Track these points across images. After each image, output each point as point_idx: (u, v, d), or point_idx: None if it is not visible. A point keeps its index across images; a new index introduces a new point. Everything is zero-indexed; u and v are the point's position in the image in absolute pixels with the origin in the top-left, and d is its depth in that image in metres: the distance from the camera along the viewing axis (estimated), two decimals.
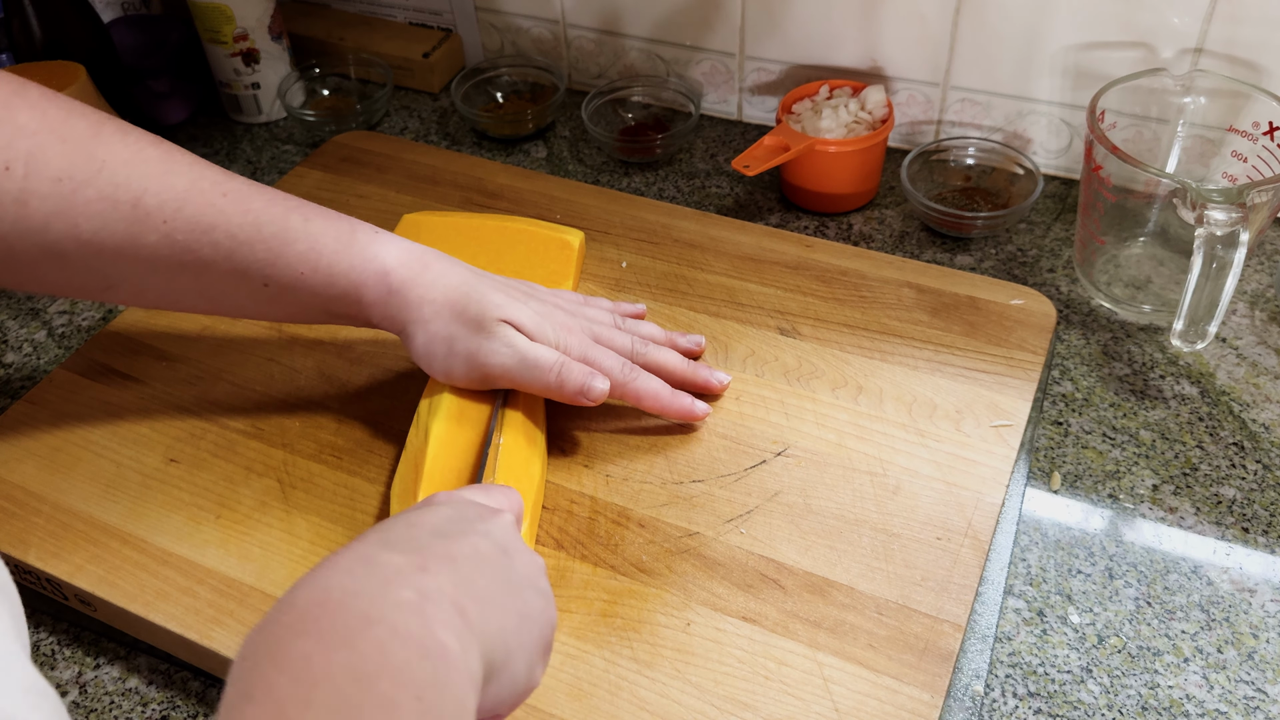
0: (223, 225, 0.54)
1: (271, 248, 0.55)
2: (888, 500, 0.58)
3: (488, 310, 0.57)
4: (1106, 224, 0.71)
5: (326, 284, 0.56)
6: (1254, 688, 0.53)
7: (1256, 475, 0.62)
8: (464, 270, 0.59)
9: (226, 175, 0.56)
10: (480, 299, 0.57)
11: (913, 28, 0.81)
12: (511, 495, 0.49)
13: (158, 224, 0.53)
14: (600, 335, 0.61)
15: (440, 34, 1.00)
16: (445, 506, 0.43)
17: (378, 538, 0.39)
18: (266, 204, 0.55)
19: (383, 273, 0.57)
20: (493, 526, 0.43)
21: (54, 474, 0.62)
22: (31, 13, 0.83)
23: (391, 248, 0.57)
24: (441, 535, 0.40)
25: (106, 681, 0.57)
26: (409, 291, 0.57)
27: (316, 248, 0.56)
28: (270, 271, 0.56)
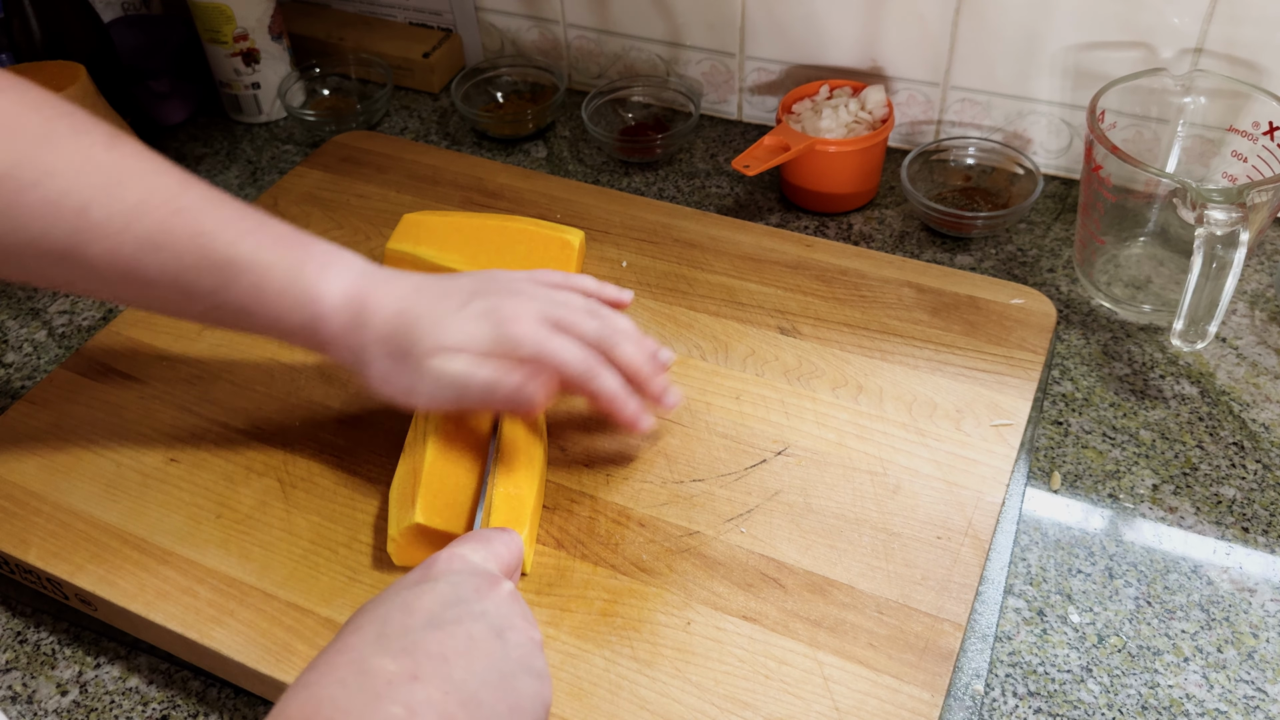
0: (170, 247, 0.51)
1: (218, 277, 0.52)
2: (888, 499, 0.58)
3: (415, 346, 0.53)
4: (1106, 224, 0.71)
5: (271, 321, 0.54)
6: (1254, 687, 0.53)
7: (1256, 475, 0.62)
8: (402, 293, 0.55)
9: (183, 186, 0.53)
10: (409, 333, 0.53)
11: (913, 28, 0.81)
12: (511, 543, 0.48)
13: (102, 237, 0.51)
14: (563, 320, 0.56)
15: (440, 34, 1.00)
16: (443, 582, 0.43)
17: (374, 632, 0.40)
18: (219, 226, 0.52)
19: (323, 317, 0.54)
20: (489, 605, 0.43)
21: (54, 474, 0.62)
22: (31, 13, 0.83)
23: (336, 284, 0.54)
24: (436, 625, 0.40)
25: (106, 681, 0.57)
26: (348, 337, 0.54)
27: (263, 283, 0.53)
28: (216, 299, 0.53)
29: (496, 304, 0.55)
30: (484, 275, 0.58)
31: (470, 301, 0.55)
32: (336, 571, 0.56)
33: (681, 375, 0.66)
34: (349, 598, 0.55)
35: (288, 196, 0.82)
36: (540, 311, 0.55)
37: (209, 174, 0.92)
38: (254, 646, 0.53)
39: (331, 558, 0.57)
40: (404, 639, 0.40)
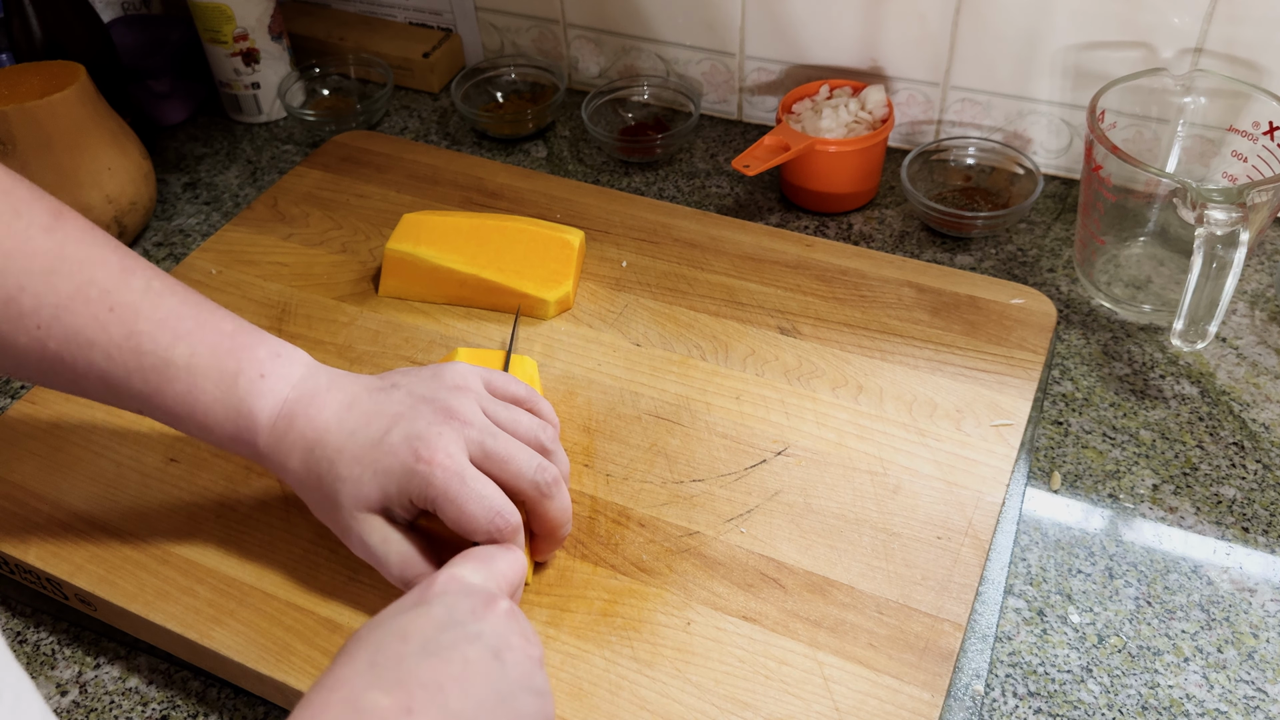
0: (101, 345, 0.49)
1: (149, 381, 0.50)
2: (888, 499, 0.58)
3: (335, 496, 0.50)
4: (1106, 224, 0.71)
5: (202, 430, 0.51)
6: (1254, 687, 0.53)
7: (1256, 475, 0.62)
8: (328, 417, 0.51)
9: (124, 276, 0.50)
10: (328, 476, 0.50)
11: (913, 28, 0.81)
12: (514, 561, 0.47)
13: (31, 327, 0.48)
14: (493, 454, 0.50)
15: (440, 34, 1.00)
16: (439, 604, 0.42)
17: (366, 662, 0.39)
18: (155, 327, 0.49)
19: (251, 435, 0.51)
20: (485, 625, 0.41)
21: (54, 474, 0.62)
22: (31, 13, 0.83)
23: (269, 400, 0.51)
24: (430, 652, 0.39)
25: (106, 681, 0.57)
26: (273, 459, 0.51)
27: (194, 391, 0.50)
28: (146, 404, 0.51)
29: (420, 431, 0.49)
30: (419, 387, 0.52)
31: (392, 428, 0.50)
32: (336, 571, 0.56)
33: (681, 375, 0.66)
34: (349, 598, 0.55)
35: (287, 196, 0.82)
36: (470, 440, 0.50)
37: (209, 174, 0.92)
38: (253, 646, 0.53)
39: (331, 558, 0.57)
40: (397, 669, 0.39)
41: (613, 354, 0.67)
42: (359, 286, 0.74)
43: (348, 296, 0.73)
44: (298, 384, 0.51)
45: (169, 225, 0.87)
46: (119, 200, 0.81)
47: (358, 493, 0.49)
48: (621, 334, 0.69)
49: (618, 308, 0.71)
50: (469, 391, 0.52)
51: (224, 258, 0.77)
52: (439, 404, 0.51)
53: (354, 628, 0.53)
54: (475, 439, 0.50)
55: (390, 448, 0.49)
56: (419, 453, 0.48)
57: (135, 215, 0.83)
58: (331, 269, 0.75)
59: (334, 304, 0.72)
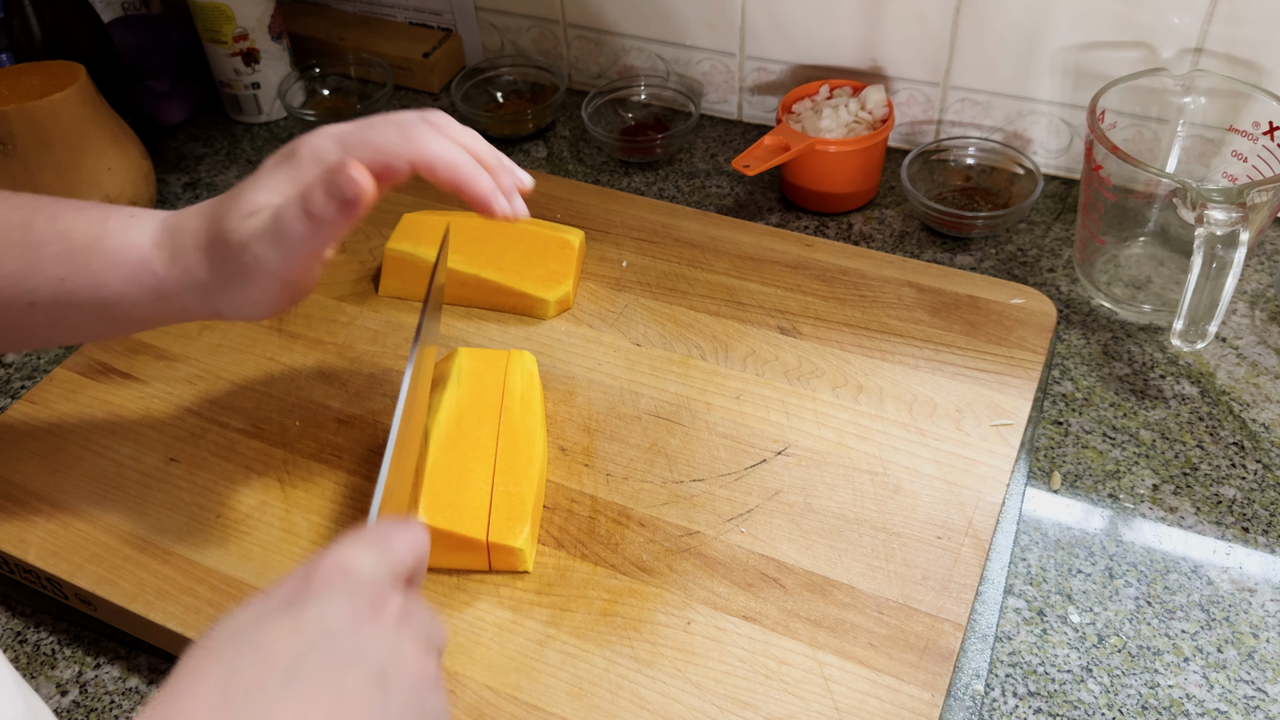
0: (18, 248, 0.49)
1: (23, 257, 0.49)
2: (888, 499, 0.58)
3: (226, 227, 0.48)
4: (1106, 224, 0.71)
5: (92, 288, 0.49)
6: (1254, 687, 0.53)
7: (1256, 475, 0.62)
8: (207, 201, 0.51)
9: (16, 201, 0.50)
10: (220, 221, 0.48)
11: (913, 28, 0.81)
12: (414, 539, 0.40)
13: None
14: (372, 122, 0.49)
15: (440, 34, 1.00)
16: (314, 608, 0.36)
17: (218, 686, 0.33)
18: (10, 209, 0.50)
19: (144, 261, 0.50)
20: (368, 638, 0.35)
21: (54, 474, 0.62)
22: (31, 13, 0.83)
23: (147, 228, 0.50)
24: (296, 679, 0.33)
25: (106, 681, 0.57)
26: (174, 269, 0.50)
27: (68, 248, 0.49)
28: (27, 285, 0.49)
29: (294, 148, 0.50)
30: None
31: (274, 166, 0.50)
32: None
33: (681, 375, 0.66)
34: None
35: None
36: (345, 130, 0.49)
37: (209, 174, 0.92)
38: None
39: None
40: (253, 702, 0.32)
41: (613, 354, 0.67)
42: (359, 286, 0.74)
43: (348, 296, 0.73)
44: (174, 214, 0.51)
45: None
46: (119, 200, 0.81)
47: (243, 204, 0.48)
48: (621, 334, 0.69)
49: (618, 308, 0.71)
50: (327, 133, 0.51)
51: None
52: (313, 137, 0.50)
53: None
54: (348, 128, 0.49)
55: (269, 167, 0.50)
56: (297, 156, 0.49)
57: None
58: (331, 269, 0.75)
59: (334, 304, 0.72)
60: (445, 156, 0.48)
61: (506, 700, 0.50)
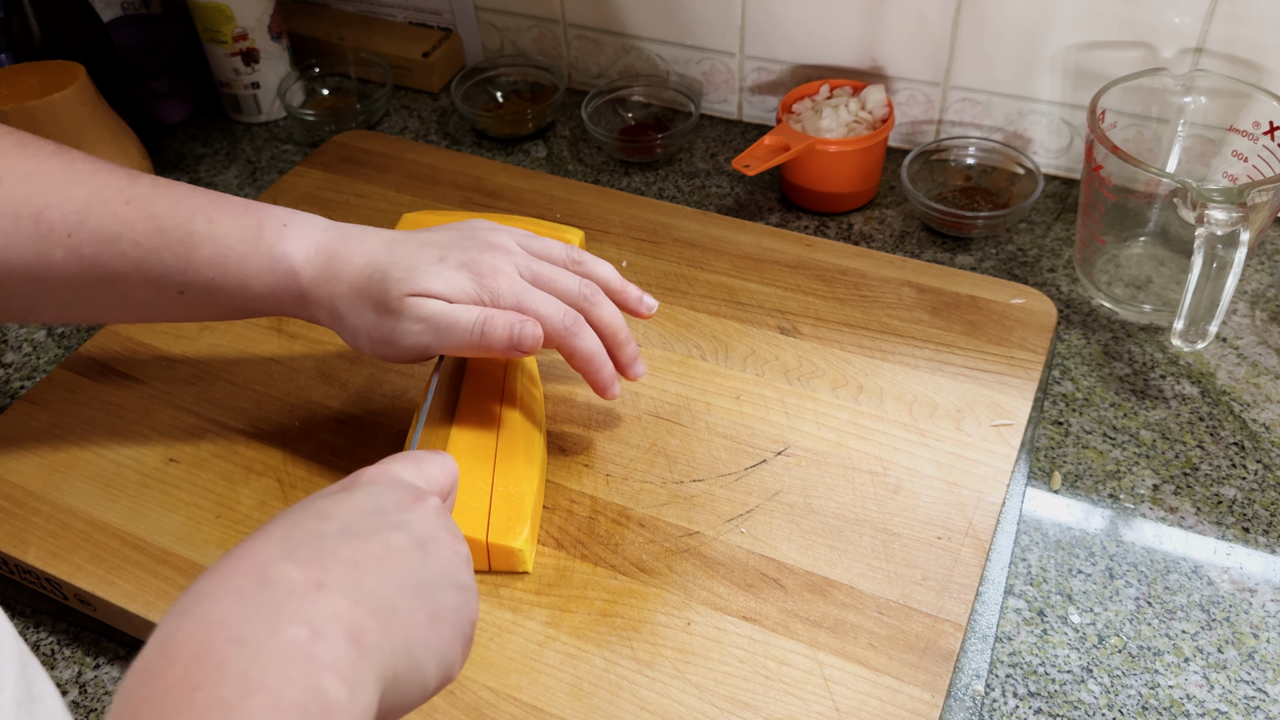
0: (127, 235, 0.53)
1: (179, 254, 0.53)
2: (888, 499, 0.58)
3: (391, 290, 0.53)
4: (1107, 224, 0.71)
5: (239, 288, 0.54)
6: (1254, 687, 0.53)
7: (1257, 475, 0.62)
8: (373, 247, 0.55)
9: (130, 179, 0.54)
10: (383, 280, 0.53)
11: (913, 27, 0.81)
12: (445, 465, 0.46)
13: (62, 238, 0.52)
14: (542, 277, 0.56)
15: (440, 34, 1.00)
16: (364, 491, 0.41)
17: (281, 535, 0.37)
18: (171, 207, 0.53)
19: (291, 274, 0.54)
20: (412, 516, 0.40)
21: (54, 474, 0.62)
22: (31, 13, 0.83)
23: (299, 242, 0.54)
24: (350, 533, 0.38)
25: (106, 681, 0.57)
26: (318, 290, 0.54)
27: (223, 251, 0.53)
28: (182, 279, 0.54)
29: (475, 257, 0.54)
30: (458, 228, 0.57)
31: (448, 254, 0.54)
32: None
33: (681, 375, 0.65)
34: None
35: (287, 196, 0.82)
36: (520, 266, 0.55)
37: (209, 174, 0.92)
38: None
39: None
40: (313, 545, 0.37)
41: None
42: None
43: None
44: (328, 228, 0.56)
45: None
46: None
47: (418, 283, 0.53)
48: None
49: None
50: (501, 230, 0.57)
51: None
52: (481, 239, 0.56)
53: None
54: (523, 264, 0.55)
55: (452, 266, 0.54)
56: (483, 271, 0.54)
57: None
58: None
59: None
60: (587, 352, 0.56)
61: (506, 701, 0.50)
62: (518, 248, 0.56)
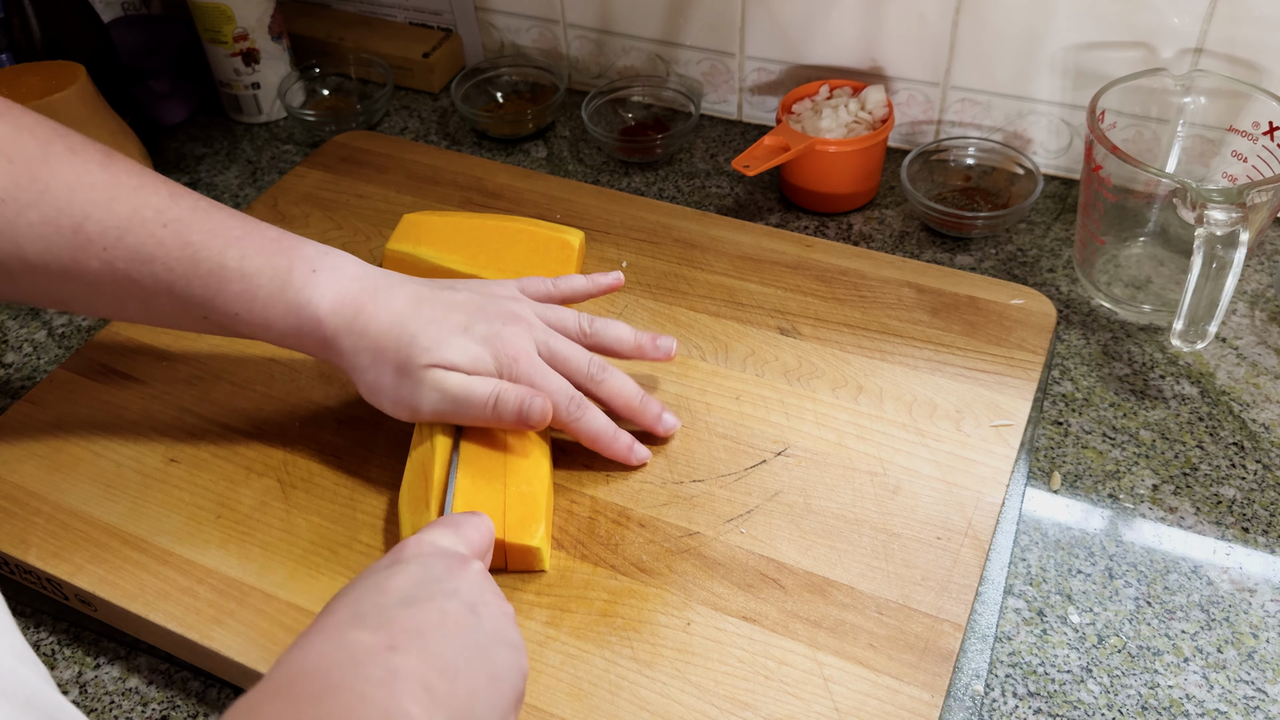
0: (161, 258, 0.54)
1: (209, 285, 0.54)
2: (888, 500, 0.58)
3: (414, 358, 0.55)
4: (1106, 224, 0.71)
5: (263, 327, 0.56)
6: (1254, 687, 0.53)
7: (1256, 475, 0.62)
8: (400, 306, 0.56)
9: (173, 199, 0.55)
10: (408, 345, 0.55)
11: (913, 28, 0.81)
12: (481, 526, 0.49)
13: (99, 250, 0.53)
14: (556, 353, 0.58)
15: (440, 34, 1.00)
16: (413, 564, 0.44)
17: (349, 612, 0.41)
18: (207, 237, 0.54)
19: (315, 322, 0.55)
20: (461, 583, 0.44)
21: (54, 474, 0.62)
22: (31, 13, 0.83)
23: (327, 291, 0.55)
24: (409, 603, 0.41)
25: (106, 681, 0.57)
26: (341, 341, 0.55)
27: (251, 289, 0.55)
28: (209, 309, 0.55)
29: (498, 331, 0.56)
30: (481, 293, 0.59)
31: (472, 325, 0.56)
32: (336, 571, 0.56)
33: (681, 375, 0.66)
34: None
35: (288, 196, 0.82)
36: (538, 341, 0.57)
37: (209, 174, 0.92)
38: (254, 647, 0.53)
39: (331, 558, 0.57)
40: (379, 615, 0.40)
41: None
42: None
43: None
44: (357, 277, 0.56)
45: None
46: None
47: (442, 355, 0.55)
48: None
49: (618, 308, 0.71)
50: (521, 300, 0.59)
51: None
52: (503, 307, 0.58)
53: None
54: (541, 339, 0.58)
55: (476, 338, 0.56)
56: (503, 350, 0.56)
57: None
58: None
59: None
60: (591, 433, 0.58)
61: None
62: (537, 320, 0.58)
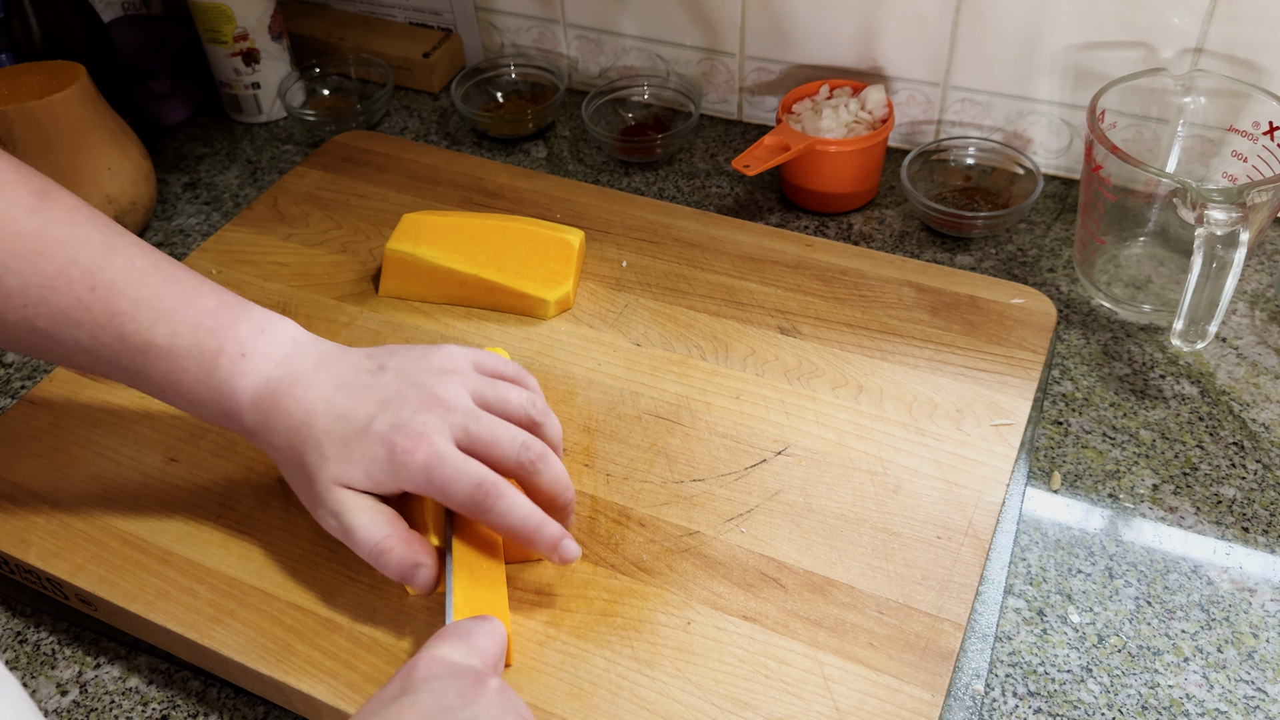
0: (87, 325, 0.50)
1: (135, 360, 0.51)
2: (888, 499, 0.58)
3: (315, 469, 0.51)
4: (1106, 224, 0.71)
5: (188, 406, 0.53)
6: (1254, 687, 0.53)
7: (1256, 475, 0.62)
8: (313, 400, 0.51)
9: (107, 254, 0.50)
10: (312, 451, 0.50)
11: (913, 28, 0.81)
12: (494, 633, 0.47)
13: (18, 305, 0.50)
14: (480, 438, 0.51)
15: (440, 34, 1.00)
16: (426, 692, 0.41)
17: None
18: (136, 308, 0.50)
19: (237, 413, 0.52)
20: (479, 710, 0.40)
21: (54, 474, 0.62)
22: (31, 13, 0.83)
23: (252, 379, 0.51)
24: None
25: (106, 681, 0.57)
26: (259, 436, 0.52)
27: (177, 371, 0.51)
28: (132, 382, 0.52)
29: (405, 420, 0.50)
30: (408, 372, 0.52)
31: (378, 416, 0.50)
32: (336, 571, 0.56)
33: (681, 375, 0.66)
34: (349, 598, 0.55)
35: (287, 196, 0.82)
36: (454, 426, 0.50)
37: (209, 174, 0.92)
38: (254, 646, 0.53)
39: (331, 558, 0.57)
40: None
41: (613, 354, 0.67)
42: (359, 286, 0.74)
43: (348, 296, 0.73)
44: (281, 362, 0.52)
45: (169, 225, 0.87)
46: (119, 200, 0.81)
47: (340, 472, 0.50)
48: (621, 334, 0.69)
49: (618, 308, 0.71)
50: (455, 374, 0.53)
51: (224, 258, 0.77)
52: (425, 390, 0.51)
53: (354, 628, 0.53)
54: (459, 424, 0.50)
55: (375, 436, 0.50)
56: (401, 444, 0.49)
57: (135, 215, 0.83)
58: (331, 269, 0.75)
59: (334, 304, 0.72)
60: (505, 527, 0.50)
61: None
62: (461, 402, 0.51)
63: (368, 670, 0.52)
